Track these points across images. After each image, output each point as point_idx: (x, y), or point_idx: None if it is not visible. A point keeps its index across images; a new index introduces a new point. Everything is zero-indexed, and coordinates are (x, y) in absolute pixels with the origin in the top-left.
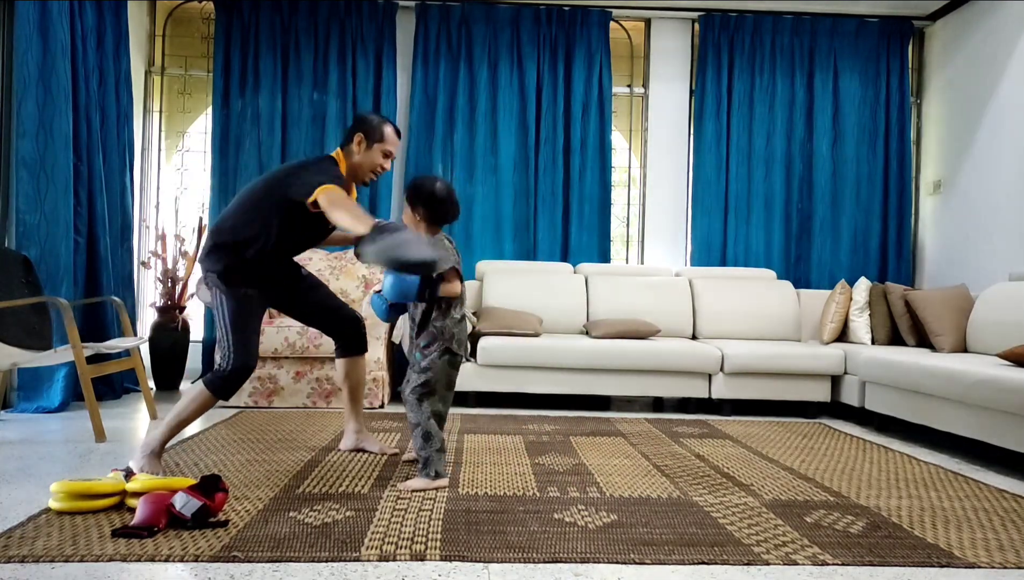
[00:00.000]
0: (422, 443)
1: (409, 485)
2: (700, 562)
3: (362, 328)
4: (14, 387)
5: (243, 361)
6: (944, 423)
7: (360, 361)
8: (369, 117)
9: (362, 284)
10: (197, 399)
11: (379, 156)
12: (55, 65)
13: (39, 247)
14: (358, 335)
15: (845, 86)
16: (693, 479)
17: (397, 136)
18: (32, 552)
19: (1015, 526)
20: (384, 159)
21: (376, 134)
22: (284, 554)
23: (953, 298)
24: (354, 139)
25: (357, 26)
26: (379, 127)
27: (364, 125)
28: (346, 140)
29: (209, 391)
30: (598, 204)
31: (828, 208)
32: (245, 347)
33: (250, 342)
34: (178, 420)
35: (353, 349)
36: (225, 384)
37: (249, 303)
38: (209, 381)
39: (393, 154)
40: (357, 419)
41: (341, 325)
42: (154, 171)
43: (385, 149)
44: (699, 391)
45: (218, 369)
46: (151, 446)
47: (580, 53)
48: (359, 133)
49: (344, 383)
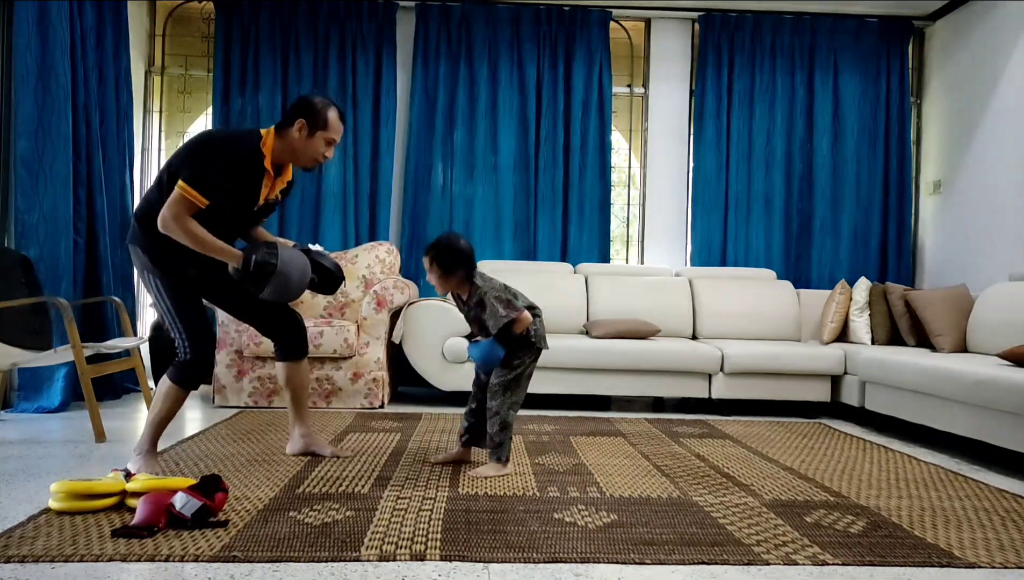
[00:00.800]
0: (498, 430)
1: (479, 471)
2: (700, 562)
3: (303, 330)
4: (14, 387)
5: (201, 348)
6: (944, 423)
7: (301, 365)
8: (313, 100)
9: (362, 284)
10: (167, 395)
11: (321, 144)
12: (54, 64)
13: (39, 247)
14: (298, 337)
15: (845, 86)
16: (693, 479)
17: (342, 122)
18: (32, 552)
19: (1015, 526)
20: (327, 147)
21: (319, 121)
22: (284, 554)
23: (953, 298)
24: (295, 124)
25: (357, 26)
26: (322, 112)
27: (306, 110)
28: (285, 121)
29: (176, 385)
30: (598, 204)
31: (828, 208)
32: (199, 332)
33: (203, 326)
34: (158, 419)
35: (293, 353)
36: (187, 374)
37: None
38: (171, 374)
39: (336, 141)
40: (303, 423)
41: (278, 325)
42: (154, 171)
43: (328, 137)
44: (699, 391)
45: (177, 360)
46: (142, 448)
47: (580, 53)
48: (301, 119)
49: (286, 387)
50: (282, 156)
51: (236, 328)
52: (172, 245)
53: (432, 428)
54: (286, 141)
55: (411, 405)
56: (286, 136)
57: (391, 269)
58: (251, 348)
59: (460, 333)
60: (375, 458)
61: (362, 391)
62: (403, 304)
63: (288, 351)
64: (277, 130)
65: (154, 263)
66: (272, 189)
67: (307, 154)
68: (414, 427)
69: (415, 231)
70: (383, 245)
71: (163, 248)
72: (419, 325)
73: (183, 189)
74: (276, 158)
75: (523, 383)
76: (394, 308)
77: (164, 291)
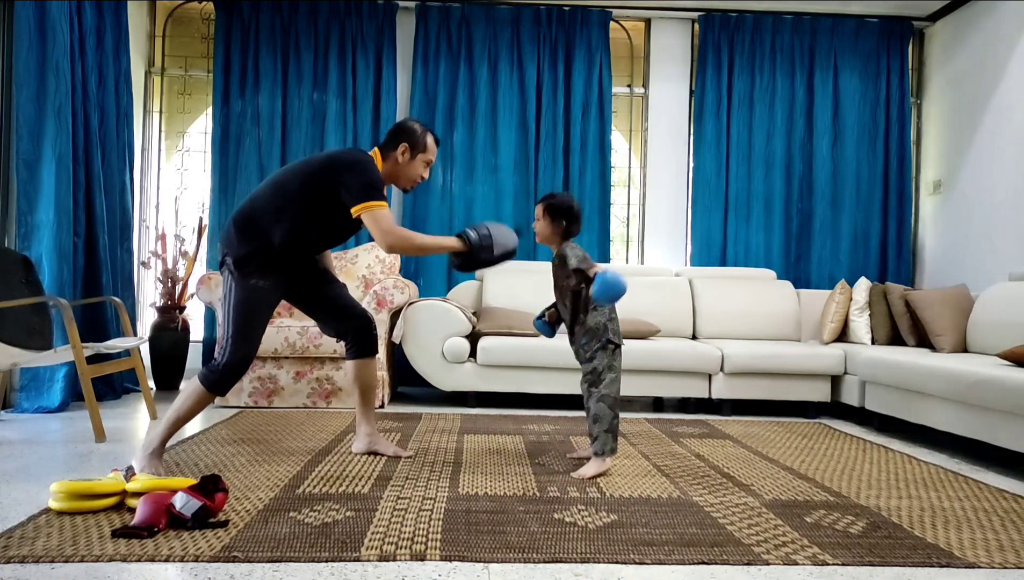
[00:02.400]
0: (592, 424)
1: (582, 473)
2: (700, 562)
3: (373, 329)
4: (14, 387)
5: (241, 355)
6: (944, 423)
7: (371, 363)
8: (412, 126)
9: (362, 284)
10: (193, 396)
11: (421, 167)
12: (55, 65)
13: (39, 247)
14: (368, 336)
15: (845, 86)
16: (693, 479)
17: (437, 144)
18: (32, 552)
19: (1015, 526)
20: (425, 169)
21: (420, 145)
22: (284, 554)
23: (953, 298)
24: (399, 148)
25: (357, 26)
26: (422, 138)
27: (409, 135)
28: (388, 145)
29: (204, 387)
30: (598, 204)
31: (828, 208)
32: (246, 341)
33: (252, 336)
34: (176, 418)
35: (363, 351)
36: (220, 378)
37: (258, 295)
38: (204, 376)
39: (432, 163)
40: (369, 422)
41: (351, 324)
42: (154, 171)
43: (427, 159)
44: (699, 391)
45: (213, 363)
46: (151, 446)
47: (580, 53)
48: (404, 144)
49: (355, 385)
50: (387, 178)
51: None
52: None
53: (432, 428)
54: (390, 164)
55: (411, 405)
56: (390, 159)
57: (391, 269)
58: None
59: (460, 333)
60: (375, 458)
61: None
62: (403, 304)
63: (359, 349)
64: (382, 153)
65: (236, 266)
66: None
67: (408, 176)
68: (414, 427)
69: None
70: None
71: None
72: (419, 325)
73: (370, 207)
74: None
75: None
76: (394, 308)
77: (233, 293)
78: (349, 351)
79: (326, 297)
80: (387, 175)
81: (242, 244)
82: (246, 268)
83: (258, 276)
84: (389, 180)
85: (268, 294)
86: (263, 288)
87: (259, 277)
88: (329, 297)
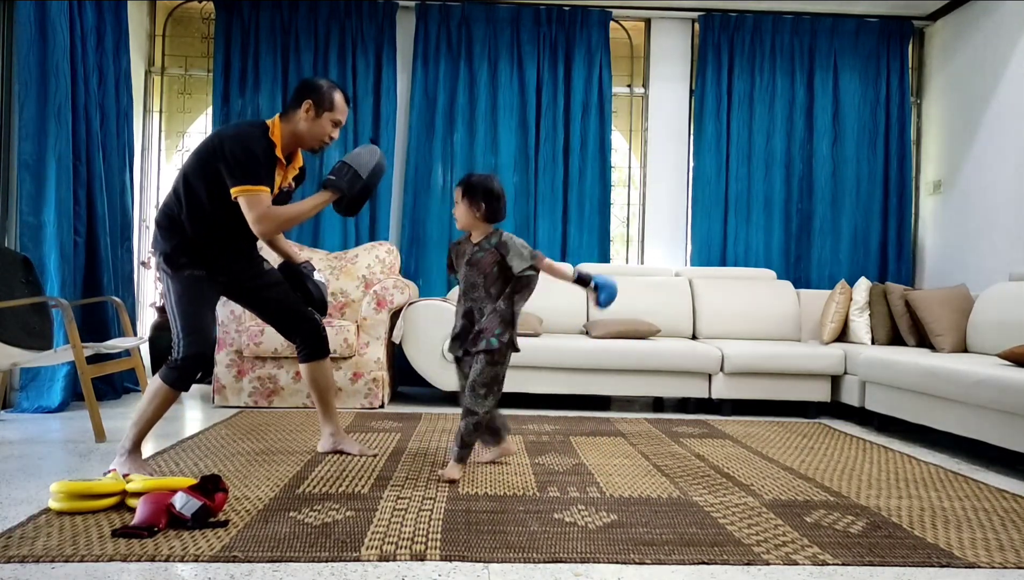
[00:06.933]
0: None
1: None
2: (700, 562)
3: (322, 331)
4: (15, 387)
5: (196, 349)
6: (944, 423)
7: (324, 364)
8: (318, 83)
9: (362, 284)
10: (157, 395)
11: (328, 125)
12: (55, 65)
13: (39, 247)
14: (318, 338)
15: (845, 86)
16: (693, 479)
17: (347, 103)
18: (32, 552)
19: (1015, 526)
20: (333, 128)
21: (326, 102)
22: (284, 554)
23: (953, 298)
24: (303, 106)
25: (357, 26)
26: (328, 94)
27: (313, 92)
28: (291, 105)
29: (166, 384)
30: (598, 204)
31: (828, 208)
32: (195, 332)
33: (201, 326)
34: (142, 419)
35: (314, 353)
36: (180, 375)
37: (196, 285)
38: (164, 374)
39: (342, 123)
40: (331, 421)
41: (302, 326)
42: (154, 171)
43: (335, 118)
44: (699, 391)
45: (171, 360)
46: (125, 446)
47: (580, 53)
48: (309, 100)
49: (311, 388)
50: (291, 142)
51: (236, 328)
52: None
53: (432, 428)
54: (293, 124)
55: (411, 405)
56: (293, 119)
57: (391, 269)
58: (251, 348)
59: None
60: (375, 458)
61: (362, 391)
62: (403, 304)
63: (309, 352)
64: (283, 115)
65: (167, 262)
66: (285, 177)
67: (314, 135)
68: (414, 427)
69: (415, 231)
70: (383, 245)
71: (179, 250)
72: (419, 325)
73: (246, 191)
74: (286, 146)
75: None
76: (394, 308)
77: (171, 289)
78: (300, 354)
79: (272, 299)
80: (290, 137)
81: (166, 241)
82: (176, 262)
83: (191, 267)
84: (293, 142)
85: (205, 283)
86: (199, 277)
87: (192, 268)
88: (274, 299)
